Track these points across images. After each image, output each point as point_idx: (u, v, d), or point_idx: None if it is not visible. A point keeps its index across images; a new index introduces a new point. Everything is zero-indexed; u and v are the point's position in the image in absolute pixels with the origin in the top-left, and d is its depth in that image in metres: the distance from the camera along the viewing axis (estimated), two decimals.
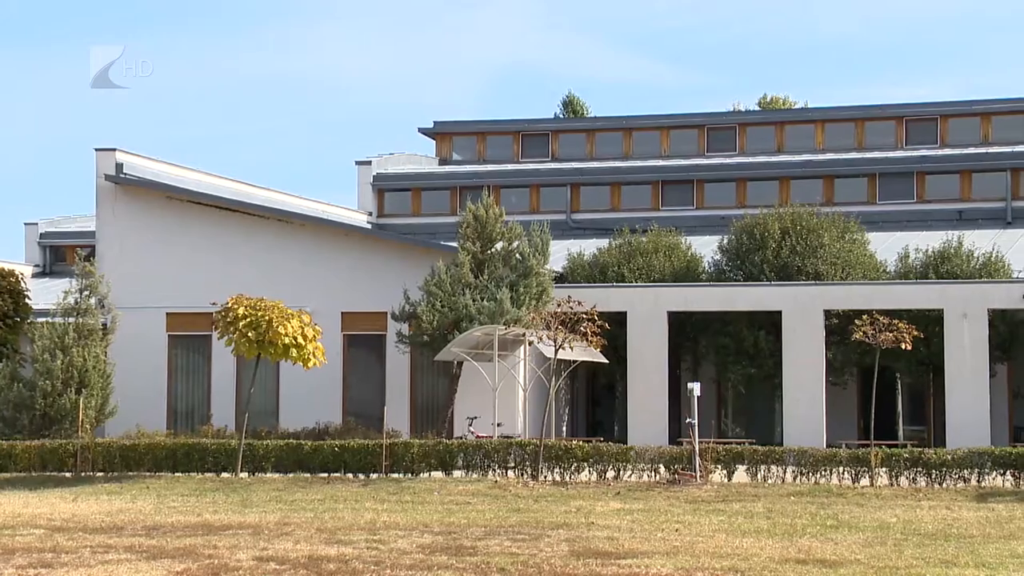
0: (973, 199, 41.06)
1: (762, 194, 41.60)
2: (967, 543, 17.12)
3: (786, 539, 17.50)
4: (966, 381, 29.52)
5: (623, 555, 15.95)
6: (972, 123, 43.07)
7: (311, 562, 15.35)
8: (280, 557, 15.75)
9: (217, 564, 15.20)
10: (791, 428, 30.24)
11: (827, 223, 33.53)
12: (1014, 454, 23.82)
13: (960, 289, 30.27)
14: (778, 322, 31.10)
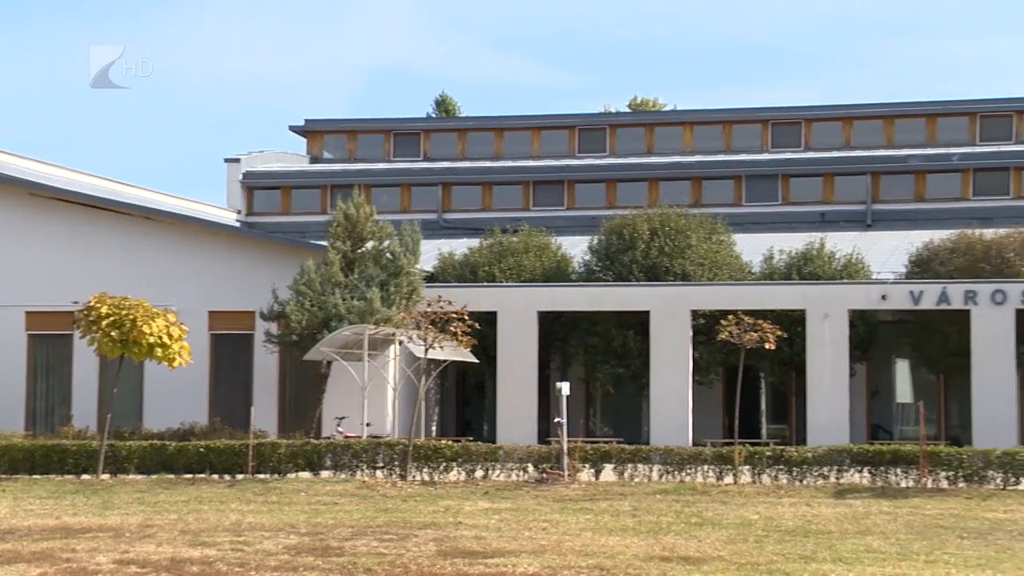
0: (835, 202, 42.02)
1: (632, 195, 42.05)
2: (825, 539, 17.49)
3: (651, 537, 17.70)
4: (827, 380, 30.16)
5: (490, 554, 15.98)
6: (835, 127, 44.07)
7: (174, 564, 15.10)
8: (142, 560, 15.47)
9: (75, 568, 14.87)
10: (658, 427, 30.60)
11: (695, 224, 33.99)
12: (871, 451, 24.39)
13: (822, 290, 30.91)
14: (646, 322, 31.44)
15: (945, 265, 31.29)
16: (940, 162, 41.40)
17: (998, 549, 16.62)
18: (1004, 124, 42.63)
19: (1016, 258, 30.57)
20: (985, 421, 28.91)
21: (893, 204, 41.40)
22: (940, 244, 32.12)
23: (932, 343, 31.37)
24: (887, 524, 19.08)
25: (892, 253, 35.67)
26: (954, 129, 42.98)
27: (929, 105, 43.95)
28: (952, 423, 33.01)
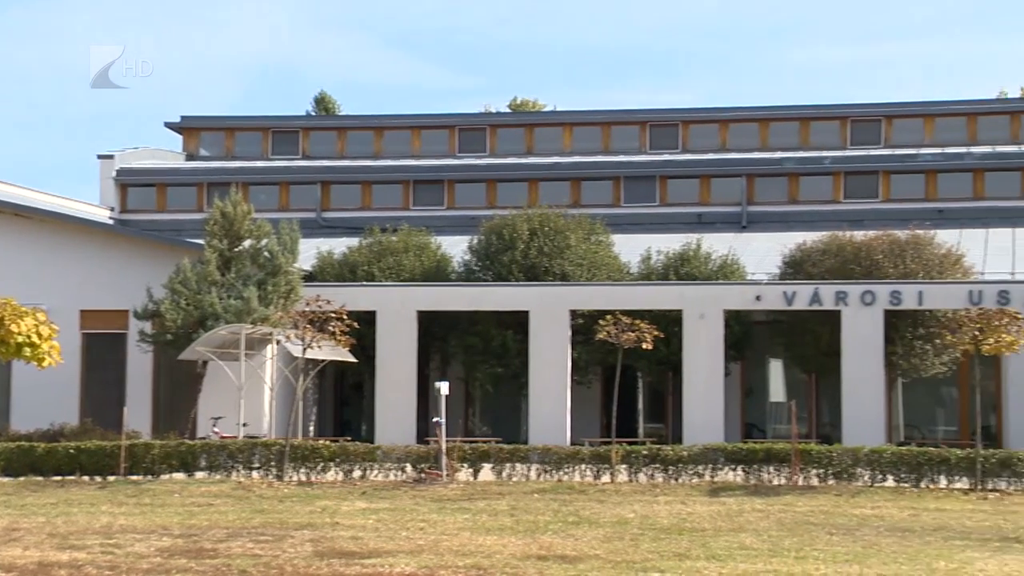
0: (712, 203, 42.58)
1: (512, 195, 42.16)
2: (700, 536, 17.71)
3: (528, 536, 17.75)
4: (702, 380, 30.55)
5: (367, 555, 15.89)
6: (711, 129, 44.68)
7: (41, 569, 14.75)
8: (7, 564, 15.07)
9: None
10: (536, 426, 30.71)
11: (574, 225, 34.19)
12: (745, 450, 24.77)
13: (698, 291, 31.29)
14: (526, 322, 31.54)
15: (817, 266, 31.89)
16: (812, 165, 42.22)
17: (865, 545, 16.98)
18: (874, 128, 43.64)
19: (884, 260, 31.26)
20: (854, 419, 29.52)
21: (767, 206, 42.10)
22: (812, 246, 32.73)
23: (804, 343, 31.94)
24: (759, 521, 19.38)
25: (766, 254, 36.27)
26: (826, 133, 43.89)
27: (802, 109, 44.80)
28: (823, 421, 33.66)
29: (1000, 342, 23.92)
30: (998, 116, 43.50)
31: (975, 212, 40.13)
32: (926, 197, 41.19)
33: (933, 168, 41.33)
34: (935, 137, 43.04)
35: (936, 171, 41.33)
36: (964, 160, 41.22)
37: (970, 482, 23.31)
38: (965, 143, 42.47)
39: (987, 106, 45.04)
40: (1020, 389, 29.18)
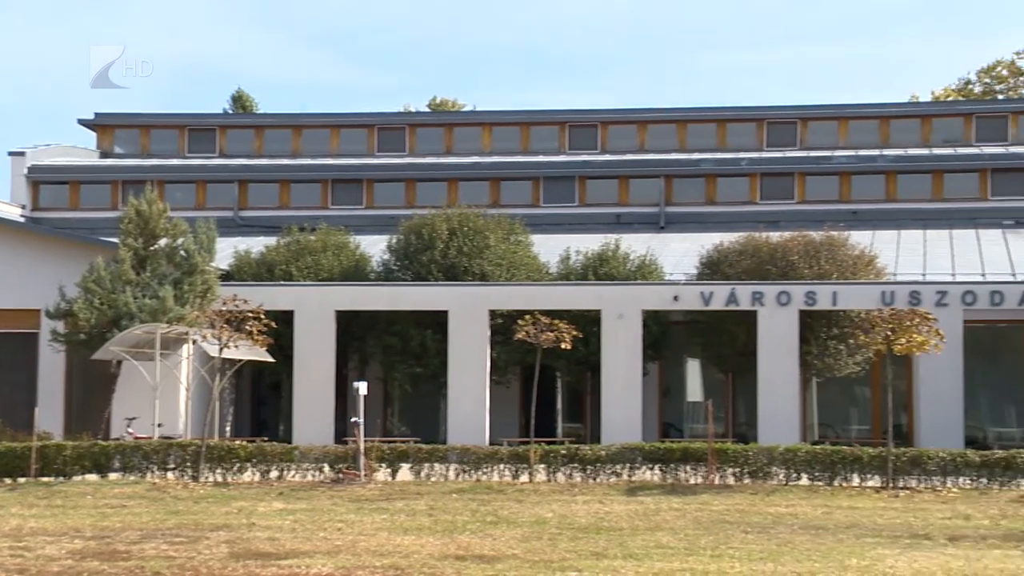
0: (630, 203, 42.81)
1: (431, 195, 42.09)
2: (617, 535, 17.80)
3: (446, 536, 17.73)
4: (621, 379, 30.69)
5: (284, 555, 15.79)
6: (629, 130, 44.91)
7: None
8: None
9: None
10: (455, 426, 30.68)
11: (493, 225, 34.21)
12: (662, 449, 24.92)
13: (616, 291, 31.44)
14: (445, 322, 31.49)
15: (734, 267, 32.17)
16: (729, 166, 42.60)
17: (780, 542, 17.17)
18: (789, 130, 44.15)
19: (800, 261, 31.61)
20: (769, 419, 29.83)
21: (685, 207, 42.39)
22: (729, 246, 33.01)
23: (721, 343, 32.21)
24: (676, 520, 19.52)
25: (684, 255, 36.54)
26: (743, 135, 44.30)
27: (719, 111, 45.20)
28: (740, 421, 33.98)
29: (911, 342, 24.30)
30: (910, 119, 44.20)
31: (888, 214, 40.76)
32: (840, 199, 41.75)
33: (847, 170, 41.90)
34: (849, 140, 43.64)
35: (850, 173, 41.90)
36: (877, 162, 41.84)
37: (882, 480, 23.65)
38: (878, 146, 43.12)
39: (899, 109, 45.75)
40: (930, 388, 29.67)
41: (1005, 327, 32.60)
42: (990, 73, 66.69)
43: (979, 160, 41.24)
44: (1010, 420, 32.96)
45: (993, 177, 40.98)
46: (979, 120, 43.34)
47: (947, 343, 25.63)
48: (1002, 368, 33.16)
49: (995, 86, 66.26)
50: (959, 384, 29.37)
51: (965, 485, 23.33)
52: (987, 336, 32.68)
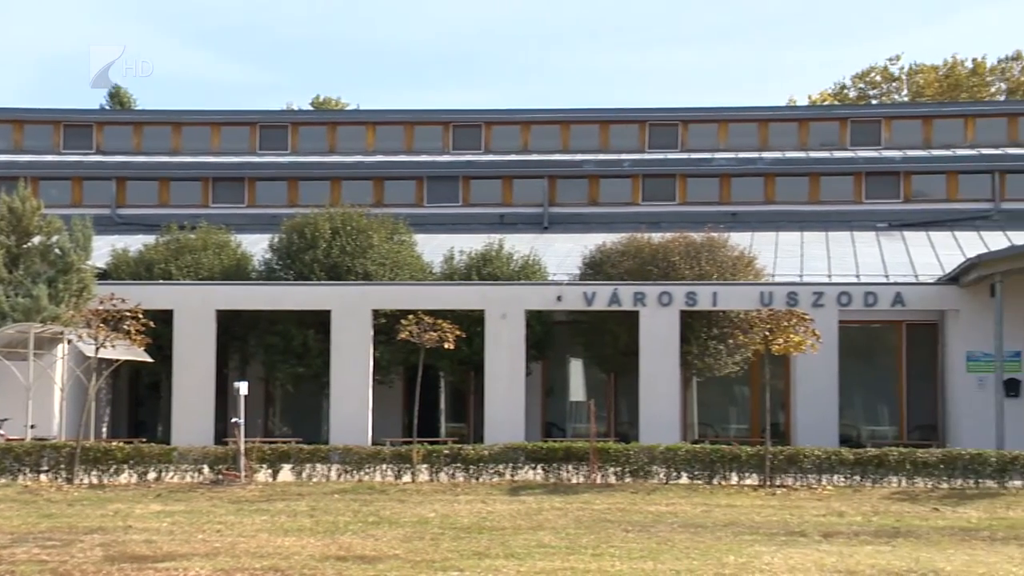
0: (514, 204, 42.97)
1: (314, 194, 41.82)
2: (499, 535, 17.83)
3: (328, 536, 17.60)
4: (504, 379, 30.75)
5: (161, 558, 15.54)
6: (513, 131, 45.06)
7: None
8: None
9: None
10: (337, 426, 30.48)
11: (376, 224, 34.07)
12: (545, 449, 25.01)
13: (500, 291, 31.50)
14: (327, 321, 31.28)
15: (616, 267, 32.43)
16: (612, 168, 42.96)
17: (659, 541, 17.34)
18: (671, 132, 44.66)
19: (681, 261, 31.97)
20: (651, 418, 30.12)
21: (568, 207, 42.69)
22: (612, 247, 33.27)
23: (604, 343, 32.44)
24: (558, 519, 19.61)
25: (567, 255, 36.76)
26: (625, 136, 44.70)
27: (602, 112, 45.57)
28: (622, 420, 34.25)
29: (789, 342, 24.69)
30: (787, 123, 44.99)
31: (766, 216, 41.46)
32: (720, 200, 42.36)
33: (727, 172, 42.51)
34: (728, 142, 44.26)
35: (730, 175, 42.53)
36: (756, 165, 42.51)
37: (759, 478, 24.00)
38: (757, 148, 43.80)
39: (777, 113, 46.57)
40: (807, 388, 30.21)
41: (878, 327, 33.34)
42: (864, 78, 68.24)
43: (854, 164, 42.13)
44: (883, 419, 33.71)
45: (867, 180, 41.91)
46: (854, 124, 44.27)
47: (823, 343, 26.12)
48: (875, 368, 33.91)
49: (869, 91, 67.79)
50: (834, 383, 29.96)
51: (839, 483, 23.78)
52: (861, 336, 33.40)
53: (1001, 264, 28.48)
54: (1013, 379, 29.28)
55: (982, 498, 22.16)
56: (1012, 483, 23.47)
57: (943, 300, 30.74)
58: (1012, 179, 41.12)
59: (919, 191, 41.73)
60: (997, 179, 40.93)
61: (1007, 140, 42.93)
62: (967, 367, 29.91)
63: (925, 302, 30.93)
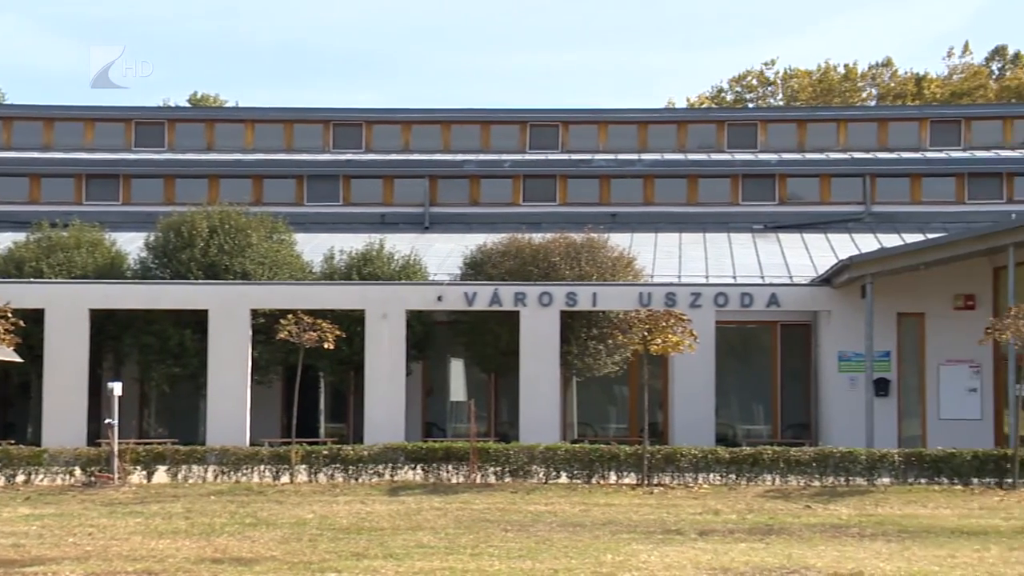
0: (395, 203, 42.83)
1: (191, 191, 41.22)
2: (378, 535, 17.76)
3: (203, 539, 17.37)
4: (384, 379, 30.62)
5: (29, 562, 15.20)
6: (394, 130, 44.90)
7: None
8: None
9: None
10: (215, 427, 30.08)
11: (255, 223, 33.70)
12: (424, 449, 24.99)
13: (380, 291, 31.36)
14: (205, 321, 30.85)
15: (497, 268, 32.48)
16: (493, 168, 43.04)
17: (538, 540, 17.42)
18: (552, 133, 44.87)
19: (561, 262, 32.13)
20: (531, 418, 30.22)
21: (449, 207, 42.68)
22: (492, 247, 33.32)
23: (485, 343, 32.48)
24: (437, 519, 19.60)
25: (448, 255, 36.74)
26: (506, 137, 44.80)
27: (483, 112, 45.61)
28: (502, 420, 34.31)
29: (667, 342, 24.97)
30: (666, 125, 45.45)
31: (645, 217, 41.87)
32: (600, 201, 42.68)
33: (607, 174, 42.84)
34: (608, 144, 44.60)
35: (609, 177, 42.87)
36: (635, 167, 42.91)
37: (637, 477, 24.24)
38: (636, 150, 44.22)
39: (656, 115, 47.05)
40: (685, 387, 30.57)
41: (754, 327, 33.87)
42: (741, 82, 69.37)
43: (730, 166, 42.74)
44: (758, 418, 34.25)
45: (743, 183, 42.55)
46: (730, 127, 44.90)
47: (700, 343, 26.44)
48: (751, 367, 34.44)
49: (746, 95, 68.93)
50: (711, 383, 30.36)
51: (715, 481, 24.12)
52: (737, 336, 33.91)
53: (871, 266, 29.14)
54: (883, 378, 29.97)
55: (852, 495, 22.65)
56: (881, 480, 24.03)
57: (816, 301, 31.33)
58: (882, 182, 42.07)
59: (794, 194, 42.48)
60: (868, 182, 41.83)
61: (877, 144, 43.90)
62: (839, 367, 30.53)
63: (799, 303, 31.50)
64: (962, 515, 20.46)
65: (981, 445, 26.25)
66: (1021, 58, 68.86)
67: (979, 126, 44.10)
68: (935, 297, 30.27)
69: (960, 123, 44.18)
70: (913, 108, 52.57)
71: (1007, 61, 69.25)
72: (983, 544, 17.36)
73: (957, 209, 41.36)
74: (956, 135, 43.88)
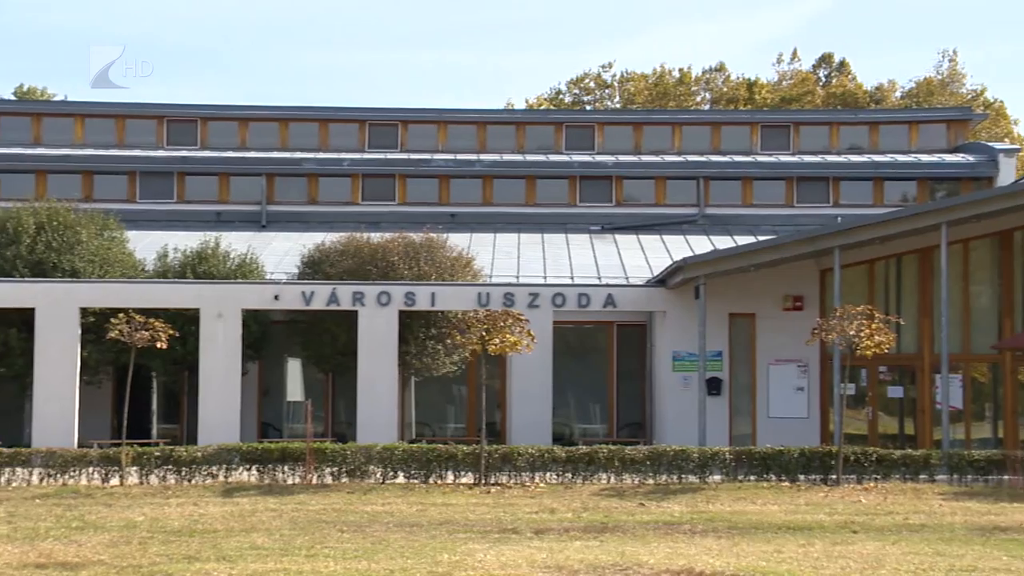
0: (231, 201, 42.23)
1: (17, 187, 40.10)
2: (211, 538, 17.48)
3: (27, 543, 16.87)
4: (219, 379, 30.16)
5: None
6: (231, 127, 44.28)
7: None
8: None
9: None
10: (41, 429, 29.25)
11: (85, 220, 32.88)
12: (260, 449, 24.68)
13: (216, 289, 30.87)
14: (31, 320, 29.97)
15: (335, 267, 32.25)
16: (332, 167, 42.74)
17: (375, 540, 17.35)
18: (391, 132, 44.74)
19: (400, 262, 32.04)
20: (368, 418, 30.08)
21: (287, 206, 42.26)
22: (331, 246, 33.07)
23: (322, 342, 32.21)
24: (272, 521, 19.38)
25: (286, 254, 36.34)
26: (345, 135, 44.56)
27: (322, 111, 45.26)
28: (340, 420, 34.09)
29: (505, 342, 25.08)
30: (506, 126, 45.70)
31: (484, 217, 42.02)
32: (439, 201, 42.70)
33: (446, 174, 42.88)
34: (448, 144, 44.67)
35: (449, 176, 42.91)
36: (474, 167, 43.03)
37: (475, 477, 24.31)
38: (475, 151, 44.36)
39: (495, 116, 47.26)
40: (522, 387, 30.74)
41: (591, 328, 34.26)
42: (579, 84, 70.12)
43: (568, 167, 43.15)
44: (594, 417, 34.64)
45: (581, 184, 42.99)
46: (568, 129, 45.34)
47: (538, 343, 26.63)
48: (588, 367, 34.81)
49: (583, 97, 69.71)
50: (548, 383, 30.59)
51: (552, 480, 24.32)
52: (574, 336, 34.26)
53: (704, 267, 29.72)
54: (715, 378, 30.58)
55: (685, 492, 23.06)
56: (712, 478, 24.52)
57: (651, 301, 31.82)
58: (716, 185, 42.91)
59: (630, 195, 43.08)
60: (702, 185, 42.63)
61: (711, 148, 44.80)
62: (673, 366, 31.06)
63: (635, 303, 31.96)
64: (789, 511, 21.01)
65: (808, 442, 26.95)
66: (846, 66, 71.03)
67: (807, 131, 45.31)
68: (765, 298, 31.01)
69: (789, 128, 45.34)
70: (745, 113, 53.77)
71: (833, 69, 71.34)
72: (808, 539, 17.85)
73: (787, 212, 42.44)
74: (786, 140, 45.03)
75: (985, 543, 17.61)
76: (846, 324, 24.81)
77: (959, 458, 25.00)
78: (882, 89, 68.44)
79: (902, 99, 67.07)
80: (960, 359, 30.45)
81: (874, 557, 16.11)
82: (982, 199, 30.21)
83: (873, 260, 31.07)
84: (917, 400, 30.88)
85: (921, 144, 44.88)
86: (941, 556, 16.23)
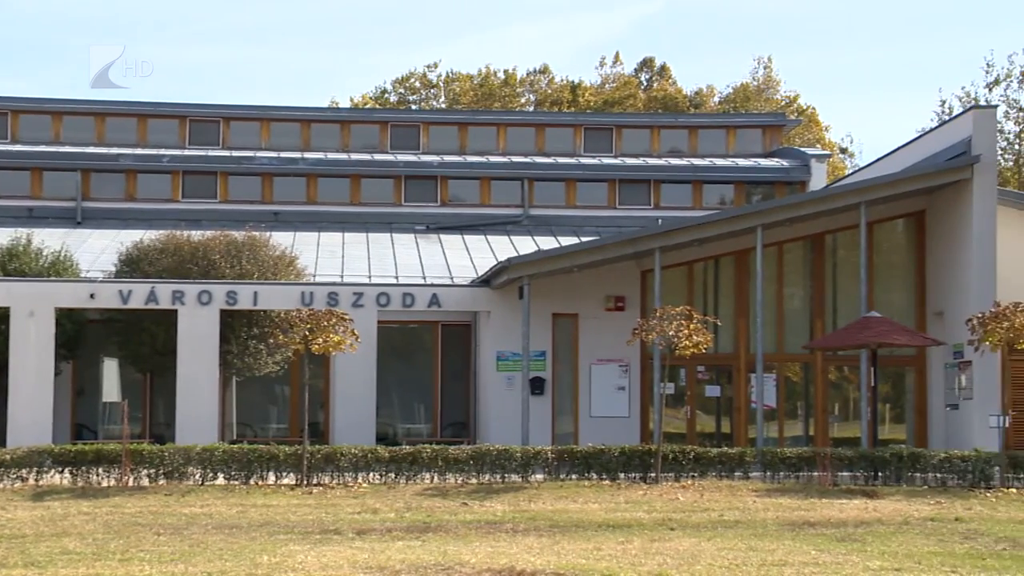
0: (44, 197, 41.04)
1: None
2: (19, 543, 16.95)
3: None
4: (31, 380, 29.31)
5: None
6: (44, 121, 43.09)
7: None
8: None
9: None
10: None
11: None
12: (74, 451, 24.02)
13: (28, 287, 29.99)
14: None
15: (154, 265, 31.59)
16: (151, 163, 41.86)
17: (192, 543, 17.04)
18: (213, 129, 44.04)
19: (221, 260, 31.55)
20: (188, 418, 29.54)
21: (104, 202, 41.21)
22: (150, 244, 32.38)
23: (140, 342, 31.53)
24: (85, 524, 18.89)
25: (103, 252, 35.47)
26: (165, 131, 43.72)
27: (140, 106, 44.26)
28: (158, 421, 33.43)
29: (328, 342, 24.89)
30: (330, 124, 45.39)
31: (308, 216, 41.64)
32: (263, 199, 42.17)
33: (269, 171, 42.37)
34: (271, 141, 44.16)
35: (272, 174, 42.41)
36: (298, 165, 42.63)
37: (297, 477, 24.06)
38: (299, 149, 43.95)
39: (320, 114, 46.91)
40: (346, 387, 30.56)
41: (416, 327, 34.25)
42: (404, 84, 70.01)
43: (393, 167, 43.03)
44: (419, 417, 34.65)
45: (406, 184, 42.92)
46: (394, 128, 45.25)
47: (362, 343, 26.49)
48: (412, 367, 34.80)
49: (409, 97, 69.63)
50: (372, 382, 30.46)
51: (375, 480, 24.23)
52: (399, 336, 34.20)
53: (528, 267, 29.95)
54: (538, 377, 30.85)
55: (508, 492, 23.21)
56: (535, 477, 24.73)
57: (476, 301, 31.94)
58: (539, 186, 43.28)
59: (455, 196, 43.18)
60: (526, 186, 42.96)
61: (535, 149, 45.18)
62: (497, 366, 31.22)
63: (459, 303, 32.04)
64: (609, 509, 21.31)
65: (628, 441, 27.37)
66: (667, 70, 72.42)
67: (629, 134, 46.05)
68: (588, 298, 31.40)
69: (612, 131, 46.02)
70: (568, 115, 54.39)
71: (655, 72, 72.64)
72: (627, 536, 18.14)
73: (609, 214, 43.05)
74: (608, 142, 45.69)
75: (795, 538, 18.15)
76: (666, 324, 25.28)
77: (772, 455, 25.68)
78: (701, 94, 69.97)
79: (720, 104, 68.68)
80: (774, 359, 31.32)
81: (690, 553, 16.44)
82: (795, 203, 31.18)
83: (692, 262, 31.74)
84: (733, 399, 31.65)
85: (738, 148, 46.02)
86: (754, 551, 16.66)
